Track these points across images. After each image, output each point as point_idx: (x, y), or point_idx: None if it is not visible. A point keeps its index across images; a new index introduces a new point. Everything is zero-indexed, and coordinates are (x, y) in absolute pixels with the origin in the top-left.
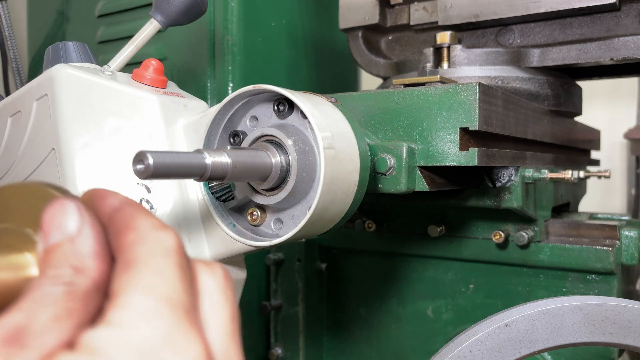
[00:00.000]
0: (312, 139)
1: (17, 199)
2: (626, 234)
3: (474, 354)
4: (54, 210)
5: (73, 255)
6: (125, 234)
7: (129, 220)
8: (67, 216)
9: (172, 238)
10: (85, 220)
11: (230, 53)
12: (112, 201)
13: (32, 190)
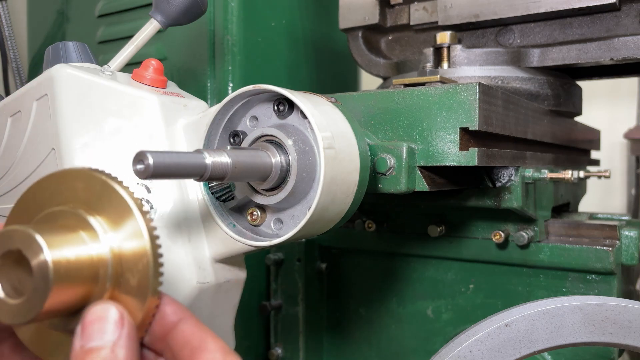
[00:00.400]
0: (312, 139)
1: (66, 184)
2: (626, 234)
3: (474, 354)
4: (98, 313)
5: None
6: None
7: (203, 341)
8: (109, 324)
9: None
10: (125, 331)
11: (230, 53)
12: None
13: (80, 175)
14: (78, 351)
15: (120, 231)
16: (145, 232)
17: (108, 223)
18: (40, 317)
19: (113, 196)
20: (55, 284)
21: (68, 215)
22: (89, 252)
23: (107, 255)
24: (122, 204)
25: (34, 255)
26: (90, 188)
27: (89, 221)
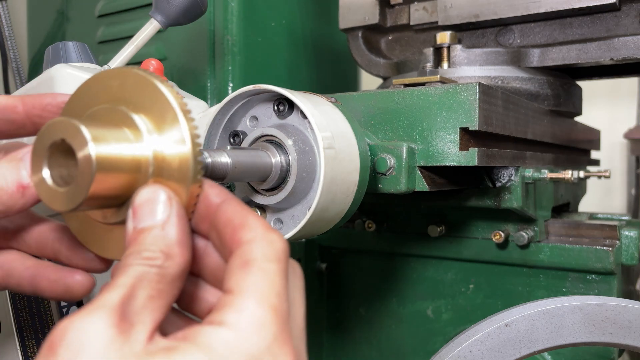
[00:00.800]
0: (312, 139)
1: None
2: (626, 234)
3: (474, 354)
4: (147, 196)
5: (163, 241)
6: (243, 229)
7: (245, 217)
8: (159, 205)
9: (282, 241)
10: (174, 210)
11: (230, 53)
12: (220, 191)
13: (124, 74)
14: (131, 232)
15: (164, 134)
16: (188, 139)
17: (152, 123)
18: (86, 203)
19: (159, 98)
20: (98, 171)
21: (113, 112)
22: (131, 144)
23: (149, 152)
24: (167, 107)
25: (79, 145)
26: (137, 87)
27: (134, 119)
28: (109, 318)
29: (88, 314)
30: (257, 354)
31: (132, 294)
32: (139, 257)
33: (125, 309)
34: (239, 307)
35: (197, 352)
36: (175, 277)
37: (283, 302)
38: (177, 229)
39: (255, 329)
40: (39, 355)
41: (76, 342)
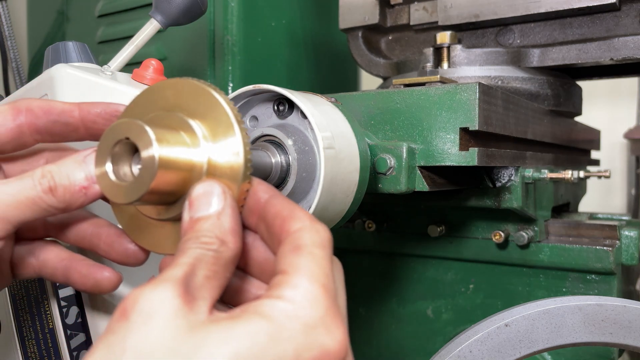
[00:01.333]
0: (312, 139)
1: (166, 92)
2: (626, 234)
3: (474, 354)
4: (203, 189)
5: (218, 229)
6: (292, 220)
7: (293, 210)
8: (214, 197)
9: (326, 231)
10: (228, 202)
11: (230, 53)
12: (267, 188)
13: (179, 83)
14: (187, 222)
15: (218, 141)
16: (241, 148)
17: (207, 129)
18: (145, 197)
19: (214, 106)
20: (159, 169)
21: (170, 117)
22: (188, 148)
23: (204, 159)
24: (222, 115)
25: (144, 145)
26: (192, 96)
27: (190, 124)
28: (175, 289)
29: (156, 285)
30: (312, 324)
31: (193, 271)
32: (197, 241)
33: (187, 284)
34: (293, 284)
35: (259, 319)
36: (229, 261)
37: (331, 282)
38: (230, 219)
39: (310, 303)
40: (111, 321)
41: (147, 308)
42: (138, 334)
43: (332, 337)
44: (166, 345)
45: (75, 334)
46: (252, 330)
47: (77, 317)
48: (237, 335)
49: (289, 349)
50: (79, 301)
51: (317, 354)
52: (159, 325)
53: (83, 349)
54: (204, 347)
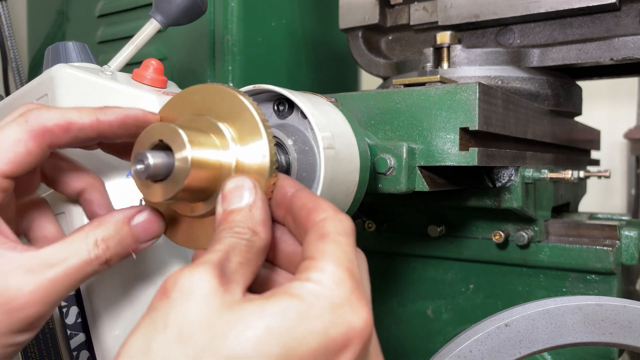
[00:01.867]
0: (312, 138)
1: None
2: (626, 234)
3: (474, 354)
4: (237, 183)
5: (250, 220)
6: (317, 211)
7: (318, 202)
8: (246, 191)
9: (349, 221)
10: (259, 196)
11: (230, 53)
12: (289, 182)
13: (206, 89)
14: (221, 214)
15: (246, 144)
16: (267, 150)
17: (235, 132)
18: (179, 195)
19: (242, 109)
20: (192, 169)
21: (200, 121)
22: (218, 150)
23: (233, 160)
24: (250, 118)
25: (178, 146)
26: (219, 100)
27: (219, 126)
28: (212, 271)
29: (195, 267)
30: (338, 303)
31: (227, 257)
32: (231, 231)
33: (222, 268)
34: (320, 267)
35: (290, 298)
36: (260, 250)
37: (355, 267)
38: (261, 211)
39: (336, 284)
40: (153, 300)
41: (187, 288)
42: (178, 310)
43: (358, 315)
44: (204, 320)
45: (75, 334)
46: (284, 307)
47: (77, 317)
48: (269, 312)
49: (318, 326)
50: (79, 301)
51: (344, 330)
52: (198, 302)
53: (83, 349)
54: (239, 322)
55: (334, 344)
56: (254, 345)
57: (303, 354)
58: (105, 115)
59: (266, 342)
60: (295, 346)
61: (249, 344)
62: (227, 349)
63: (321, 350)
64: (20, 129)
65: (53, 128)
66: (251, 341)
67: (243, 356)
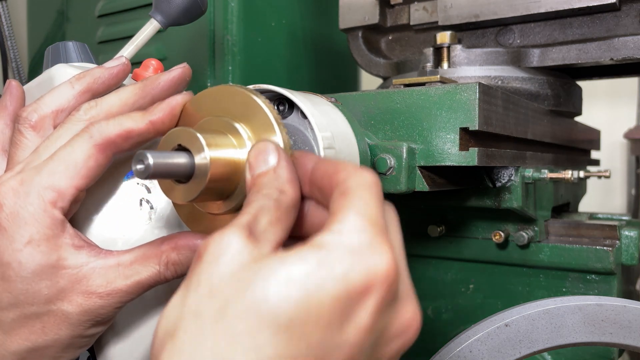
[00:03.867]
0: (312, 138)
1: (213, 98)
2: (626, 234)
3: (474, 354)
4: (260, 148)
5: (276, 180)
6: (337, 173)
7: (337, 165)
8: (270, 154)
9: (371, 175)
10: (282, 156)
11: (230, 53)
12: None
13: (225, 90)
14: (249, 180)
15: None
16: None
17: (251, 131)
18: (200, 198)
19: (256, 109)
20: (211, 171)
21: (218, 122)
22: (235, 149)
23: None
24: (264, 117)
25: (197, 150)
26: (235, 101)
27: (236, 127)
28: (241, 232)
29: (224, 231)
30: (358, 248)
31: (256, 219)
32: (259, 194)
33: (252, 229)
34: (341, 219)
35: (309, 248)
36: (289, 206)
37: (379, 216)
38: (286, 170)
39: (356, 232)
40: (191, 266)
41: (217, 248)
42: (209, 269)
43: (380, 258)
44: (231, 274)
45: None
46: (303, 256)
47: None
48: (290, 260)
49: (337, 270)
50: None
51: (364, 274)
52: (226, 260)
53: None
54: (261, 272)
55: (355, 288)
56: (275, 291)
57: (323, 298)
58: (154, 115)
59: (286, 287)
60: (315, 290)
61: (270, 291)
62: (250, 297)
63: (342, 295)
64: (88, 144)
65: (116, 139)
66: (273, 288)
67: (265, 302)
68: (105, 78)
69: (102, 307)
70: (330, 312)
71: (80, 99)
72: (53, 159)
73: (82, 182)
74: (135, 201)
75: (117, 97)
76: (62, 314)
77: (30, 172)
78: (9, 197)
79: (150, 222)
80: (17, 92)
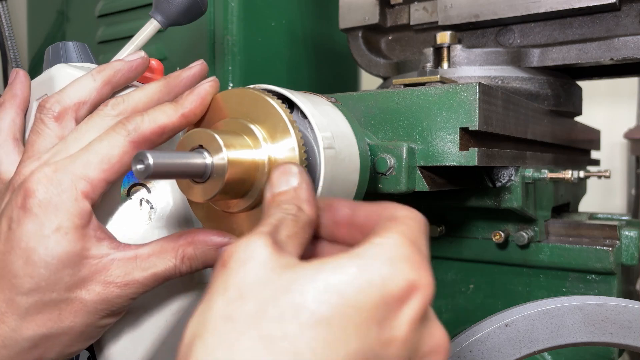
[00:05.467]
0: (312, 138)
1: (230, 100)
2: (626, 234)
3: (474, 354)
4: (284, 170)
5: (296, 199)
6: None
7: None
8: (292, 175)
9: (420, 214)
10: (303, 178)
11: (230, 53)
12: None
13: (240, 93)
14: (269, 198)
15: (277, 142)
16: (296, 147)
17: (266, 132)
18: (218, 196)
19: (271, 112)
20: (229, 171)
21: (234, 124)
22: (251, 150)
23: (265, 157)
24: (279, 119)
25: (214, 150)
26: (251, 103)
27: (252, 129)
28: (266, 240)
29: (249, 238)
30: (398, 258)
31: (277, 230)
32: (278, 208)
33: (275, 237)
34: (383, 235)
35: (348, 257)
36: (306, 224)
37: (422, 244)
38: (306, 192)
39: (397, 247)
40: (213, 274)
41: (243, 256)
42: (237, 275)
43: (418, 272)
44: (262, 280)
45: None
46: (342, 264)
47: None
48: (328, 269)
49: (377, 277)
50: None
51: (402, 284)
52: (255, 266)
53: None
54: (298, 280)
55: (394, 296)
56: (313, 297)
57: (362, 304)
58: (186, 108)
59: (325, 294)
60: (354, 297)
61: (309, 296)
62: (287, 302)
63: (381, 302)
64: (124, 140)
65: (150, 136)
66: (311, 293)
67: (304, 307)
68: (125, 71)
69: (119, 297)
70: (370, 317)
71: (102, 91)
72: (88, 150)
73: (113, 176)
74: (135, 201)
75: (143, 93)
76: (81, 302)
77: (63, 161)
78: (42, 184)
79: (150, 222)
80: (25, 81)
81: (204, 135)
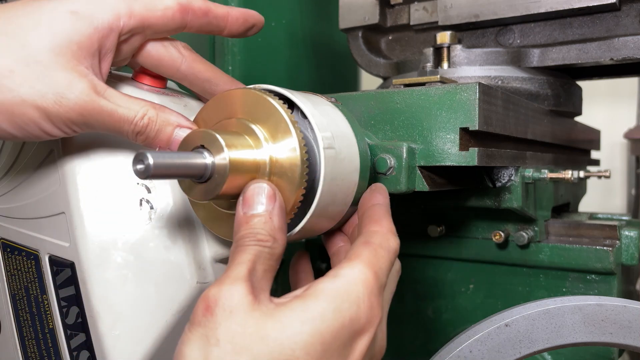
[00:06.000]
0: (312, 138)
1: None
2: (626, 234)
3: (474, 354)
4: (258, 189)
5: (270, 227)
6: (373, 223)
7: (381, 217)
8: (266, 197)
9: (396, 243)
10: (277, 203)
11: (230, 53)
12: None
13: (242, 93)
14: (242, 216)
15: (278, 142)
16: (298, 147)
17: (267, 132)
18: (218, 197)
19: (272, 112)
20: (230, 170)
21: (236, 124)
22: (252, 150)
23: (267, 157)
24: (280, 120)
25: (216, 150)
26: (252, 103)
27: (253, 129)
28: (245, 287)
29: (231, 285)
30: (359, 299)
31: (254, 267)
32: (254, 239)
33: (252, 280)
34: (352, 265)
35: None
36: (279, 257)
37: (383, 275)
38: (279, 219)
39: (361, 282)
40: (197, 315)
41: (227, 305)
42: (226, 326)
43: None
44: (253, 330)
45: (75, 334)
46: (322, 308)
47: (77, 317)
48: (311, 314)
49: (347, 320)
50: (79, 301)
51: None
52: (240, 317)
53: (83, 349)
54: (288, 327)
55: (356, 333)
56: (303, 344)
57: (335, 341)
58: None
59: (310, 338)
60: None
61: (298, 345)
62: (278, 350)
63: (347, 339)
64: (175, 6)
65: (196, 10)
66: (299, 342)
67: (292, 353)
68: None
69: None
70: (338, 350)
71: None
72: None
73: (148, 22)
74: (135, 201)
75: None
76: None
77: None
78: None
79: (150, 222)
80: None
81: (206, 135)
